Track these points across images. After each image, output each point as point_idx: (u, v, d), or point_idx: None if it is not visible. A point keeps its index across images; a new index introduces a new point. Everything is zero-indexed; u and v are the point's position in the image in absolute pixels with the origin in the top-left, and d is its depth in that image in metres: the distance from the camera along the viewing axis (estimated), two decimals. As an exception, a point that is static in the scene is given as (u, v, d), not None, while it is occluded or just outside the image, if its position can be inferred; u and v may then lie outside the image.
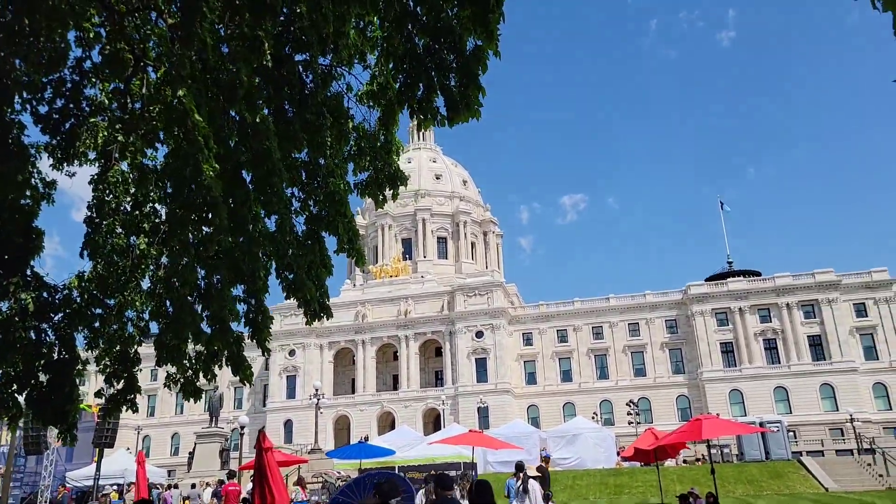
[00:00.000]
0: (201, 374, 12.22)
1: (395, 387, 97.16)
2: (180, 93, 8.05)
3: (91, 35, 12.26)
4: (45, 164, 13.48)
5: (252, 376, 10.30)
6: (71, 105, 12.66)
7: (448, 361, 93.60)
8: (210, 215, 8.42)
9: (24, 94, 13.06)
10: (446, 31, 7.09)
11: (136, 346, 12.22)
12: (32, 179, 13.53)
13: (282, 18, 9.03)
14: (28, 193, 13.69)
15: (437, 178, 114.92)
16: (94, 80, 12.94)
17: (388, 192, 9.92)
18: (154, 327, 12.04)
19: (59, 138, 12.70)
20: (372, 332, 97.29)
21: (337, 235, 9.73)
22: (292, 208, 9.85)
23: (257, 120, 8.72)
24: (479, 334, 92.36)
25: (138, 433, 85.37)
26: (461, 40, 7.04)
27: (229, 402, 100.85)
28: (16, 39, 12.25)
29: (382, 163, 9.91)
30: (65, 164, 12.85)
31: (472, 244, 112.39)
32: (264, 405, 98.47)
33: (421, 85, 7.33)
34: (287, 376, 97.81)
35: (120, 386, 11.97)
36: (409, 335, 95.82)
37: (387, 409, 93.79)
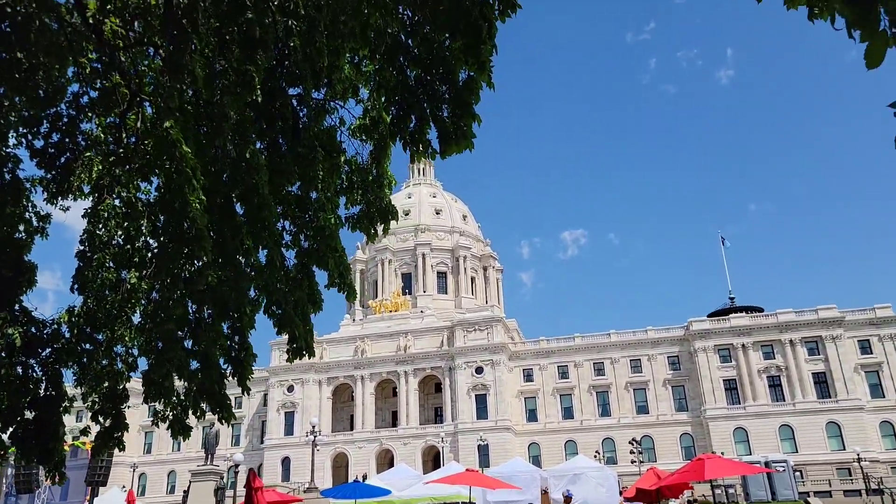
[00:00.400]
0: (190, 412, 11.97)
1: (395, 423, 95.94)
2: (167, 124, 8.01)
3: (88, 70, 12.31)
4: (40, 197, 13.42)
5: (231, 418, 10.07)
6: (67, 139, 12.66)
7: (448, 398, 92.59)
8: (196, 248, 8.31)
9: (21, 129, 13.07)
10: (438, 62, 7.07)
11: (124, 383, 12.00)
12: (27, 213, 13.47)
13: (276, 52, 9.06)
14: (21, 227, 13.61)
15: (437, 213, 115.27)
16: (90, 114, 12.95)
17: (380, 227, 9.83)
18: (143, 363, 11.83)
19: (54, 172, 12.66)
20: (371, 368, 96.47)
21: (327, 270, 9.61)
22: (284, 241, 9.75)
23: (247, 154, 8.67)
24: (479, 370, 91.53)
25: (134, 471, 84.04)
26: (453, 71, 7.01)
27: (227, 439, 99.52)
28: (14, 75, 12.28)
29: (374, 196, 9.84)
30: (59, 198, 12.80)
31: (472, 279, 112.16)
32: (262, 442, 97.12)
33: (413, 116, 7.28)
34: (285, 412, 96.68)
35: (107, 423, 11.72)
36: (409, 371, 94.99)
37: (386, 447, 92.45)
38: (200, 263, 8.71)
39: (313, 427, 48.07)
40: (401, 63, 7.47)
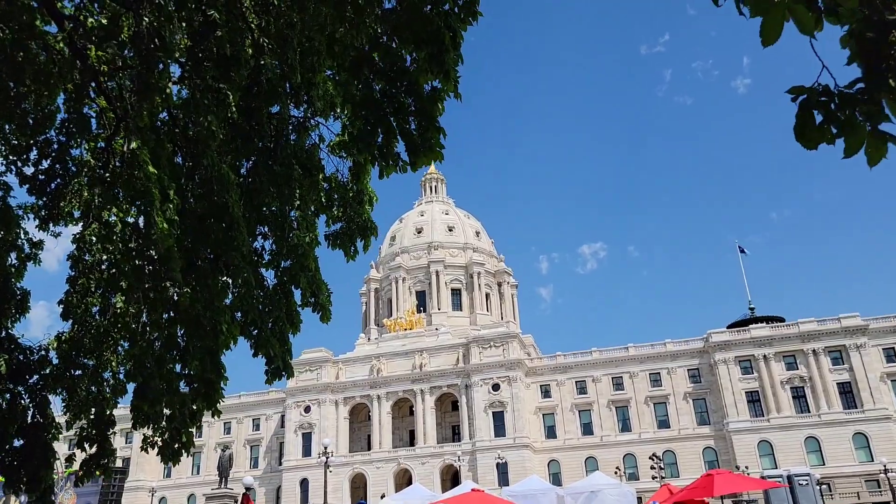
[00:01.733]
0: (181, 436, 11.80)
1: (412, 442, 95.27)
2: (133, 145, 7.95)
3: (75, 96, 12.30)
4: (32, 224, 13.41)
5: (191, 447, 9.90)
6: (57, 165, 12.66)
7: (465, 416, 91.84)
8: (164, 269, 8.20)
9: (10, 156, 13.10)
10: (402, 74, 6.94)
11: (111, 409, 11.88)
12: (19, 240, 13.47)
13: (250, 70, 8.99)
14: (13, 255, 13.60)
15: (450, 230, 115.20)
16: (79, 139, 12.95)
17: (360, 244, 9.65)
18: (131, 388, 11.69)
19: (45, 199, 12.66)
20: (387, 387, 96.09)
21: (300, 289, 9.45)
22: (264, 261, 9.62)
23: (219, 173, 8.55)
24: (496, 387, 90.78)
25: (152, 495, 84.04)
26: (418, 83, 6.88)
27: (245, 461, 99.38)
28: (3, 103, 12.33)
29: (353, 213, 9.69)
30: (50, 224, 12.78)
31: (487, 295, 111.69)
32: (280, 464, 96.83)
33: (380, 130, 7.14)
34: (303, 433, 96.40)
35: (93, 451, 11.58)
36: (425, 389, 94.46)
37: (403, 466, 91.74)
38: (170, 284, 8.60)
39: (325, 448, 47.80)
40: (366, 76, 7.34)
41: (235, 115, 8.30)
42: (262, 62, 9.30)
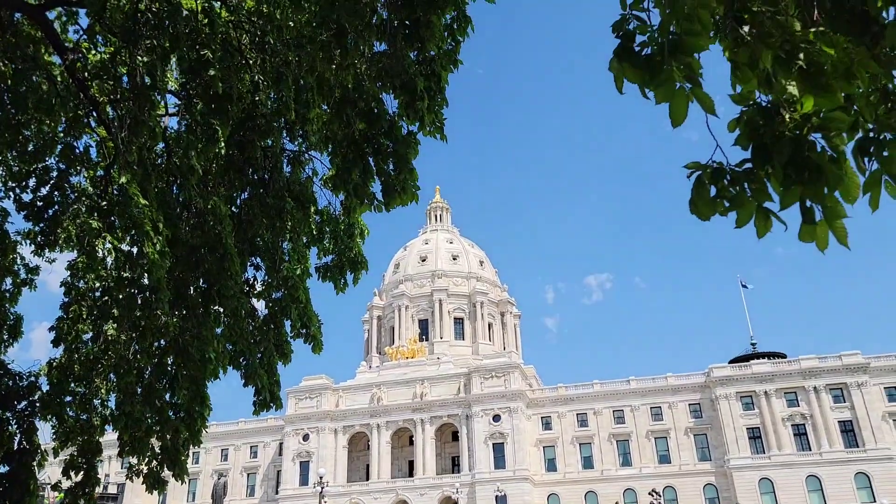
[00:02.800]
0: (167, 466, 11.79)
1: (411, 473, 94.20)
2: (123, 179, 8.14)
3: (73, 124, 12.56)
4: (28, 250, 13.59)
5: (184, 475, 9.91)
6: (56, 192, 12.88)
7: (465, 446, 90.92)
8: (153, 298, 8.33)
9: (9, 183, 13.32)
10: (381, 116, 7.14)
11: (98, 436, 11.90)
12: (15, 266, 13.63)
13: (245, 105, 9.22)
14: (9, 280, 13.75)
15: (454, 259, 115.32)
16: (79, 168, 13.17)
17: (350, 277, 9.79)
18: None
19: (41, 225, 12.84)
20: (387, 416, 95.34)
21: (290, 320, 9.56)
22: (256, 291, 9.75)
23: (210, 205, 8.73)
24: (497, 418, 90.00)
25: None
26: (396, 126, 7.08)
27: (241, 489, 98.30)
28: (5, 131, 12.60)
29: (344, 246, 9.84)
30: (45, 250, 12.95)
31: (490, 325, 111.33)
32: (277, 493, 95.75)
33: (357, 170, 7.32)
34: (300, 462, 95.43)
35: (79, 478, 11.59)
36: (425, 419, 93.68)
37: (402, 498, 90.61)
38: (161, 313, 8.73)
39: (321, 478, 47.40)
40: (349, 116, 7.54)
41: (224, 150, 8.50)
42: (258, 98, 9.54)
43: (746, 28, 3.44)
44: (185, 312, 9.10)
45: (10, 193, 13.42)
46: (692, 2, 3.35)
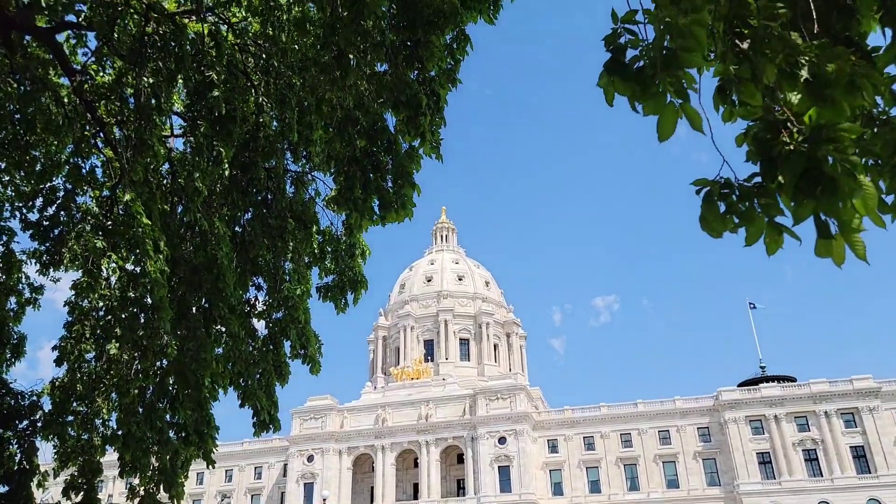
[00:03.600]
0: (163, 488, 11.69)
1: (416, 496, 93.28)
2: (127, 197, 8.17)
3: (82, 145, 12.64)
4: (33, 269, 13.62)
5: (182, 497, 9.82)
6: (62, 212, 12.94)
7: (470, 469, 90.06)
8: (154, 318, 8.32)
9: (16, 203, 13.39)
10: (382, 133, 7.18)
11: (100, 456, 11.85)
12: (20, 285, 13.66)
13: (249, 127, 9.27)
14: (13, 299, 13.77)
15: (460, 280, 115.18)
16: (86, 188, 13.24)
17: (351, 297, 9.77)
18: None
19: (47, 244, 12.88)
20: (392, 437, 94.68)
21: (289, 341, 9.53)
22: (257, 311, 9.75)
23: (212, 226, 8.75)
24: (502, 440, 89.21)
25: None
26: (396, 142, 7.12)
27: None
28: (14, 151, 12.68)
29: (345, 266, 9.84)
30: (50, 269, 12.98)
31: (495, 346, 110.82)
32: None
33: (359, 186, 7.35)
34: (305, 483, 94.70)
35: (79, 498, 11.51)
36: (430, 440, 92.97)
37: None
38: (162, 332, 8.72)
39: (324, 500, 46.94)
40: (350, 135, 7.58)
41: (227, 171, 8.54)
42: (261, 119, 9.60)
43: (746, 44, 3.40)
44: (186, 333, 9.07)
45: (17, 213, 13.48)
46: (686, 19, 3.32)
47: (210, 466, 10.06)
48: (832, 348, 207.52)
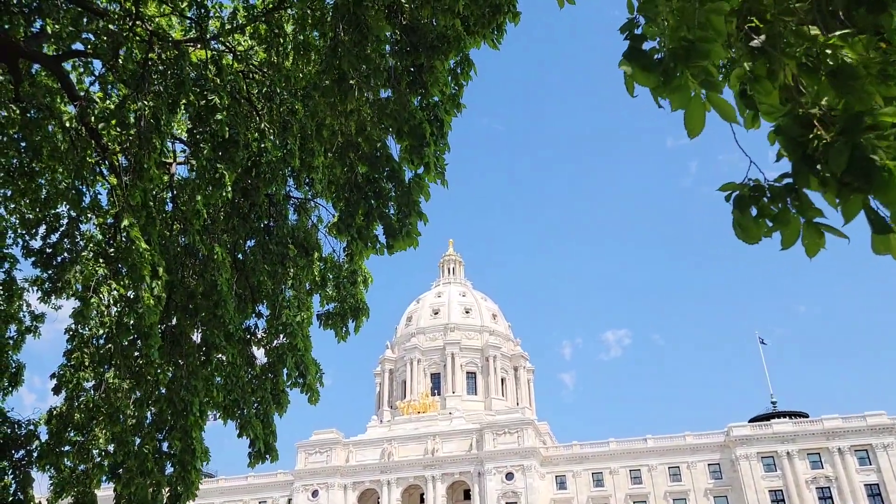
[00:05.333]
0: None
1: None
2: (125, 222, 8.09)
3: (86, 173, 12.64)
4: (34, 297, 13.52)
5: None
6: (65, 240, 12.89)
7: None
8: (145, 345, 8.17)
9: (19, 230, 13.35)
10: (384, 160, 7.09)
11: (96, 487, 11.60)
12: (21, 313, 13.56)
13: (250, 153, 9.23)
14: (13, 327, 13.65)
15: (467, 312, 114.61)
16: (90, 215, 13.22)
17: (352, 324, 9.61)
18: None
19: (49, 272, 12.81)
20: (398, 472, 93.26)
21: (287, 369, 9.34)
22: (257, 338, 9.59)
23: (211, 251, 8.66)
24: (510, 476, 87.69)
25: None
26: (399, 170, 7.02)
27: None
28: (18, 179, 12.68)
29: (346, 293, 9.69)
30: (52, 297, 12.87)
31: (503, 379, 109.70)
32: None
33: (360, 213, 7.25)
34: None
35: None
36: (437, 476, 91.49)
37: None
38: (154, 360, 8.56)
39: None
40: (351, 161, 7.50)
41: (230, 195, 8.47)
42: (264, 145, 9.57)
43: (761, 38, 3.24)
44: (179, 361, 8.91)
45: (20, 240, 13.43)
46: (703, 9, 3.16)
47: (191, 499, 9.77)
48: (844, 384, 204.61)
